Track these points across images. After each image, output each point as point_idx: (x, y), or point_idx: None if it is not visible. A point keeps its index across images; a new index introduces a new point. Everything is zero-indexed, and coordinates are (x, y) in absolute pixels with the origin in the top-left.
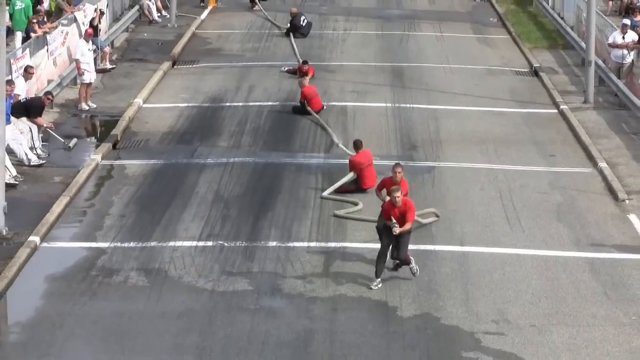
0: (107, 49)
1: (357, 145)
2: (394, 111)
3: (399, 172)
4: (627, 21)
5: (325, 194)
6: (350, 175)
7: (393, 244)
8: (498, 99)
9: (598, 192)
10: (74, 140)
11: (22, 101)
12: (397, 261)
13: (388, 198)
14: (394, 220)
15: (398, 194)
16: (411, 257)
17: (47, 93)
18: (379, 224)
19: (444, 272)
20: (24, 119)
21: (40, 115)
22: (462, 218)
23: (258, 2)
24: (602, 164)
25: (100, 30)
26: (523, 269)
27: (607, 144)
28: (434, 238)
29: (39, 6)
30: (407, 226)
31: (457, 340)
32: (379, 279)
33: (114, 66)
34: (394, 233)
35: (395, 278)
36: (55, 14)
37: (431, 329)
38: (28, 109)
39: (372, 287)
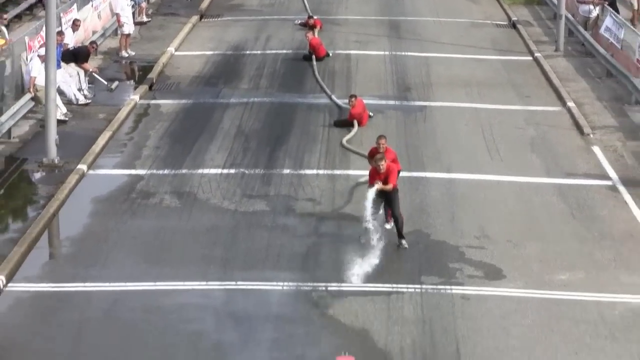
0: (144, 4)
1: (353, 98)
2: (391, 58)
3: (383, 143)
4: None
5: (344, 142)
6: (356, 126)
7: (385, 202)
8: (481, 48)
9: (566, 127)
10: (116, 82)
11: (70, 49)
12: (395, 225)
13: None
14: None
15: (382, 162)
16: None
17: (92, 42)
18: (369, 186)
19: (433, 195)
20: (72, 64)
21: (86, 61)
22: (449, 149)
23: None
24: (570, 104)
25: None
26: (501, 193)
27: (574, 86)
28: (425, 166)
29: None
30: (388, 187)
31: (444, 253)
32: (369, 220)
33: (149, 19)
34: (376, 187)
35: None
36: None
37: (422, 243)
38: (76, 55)
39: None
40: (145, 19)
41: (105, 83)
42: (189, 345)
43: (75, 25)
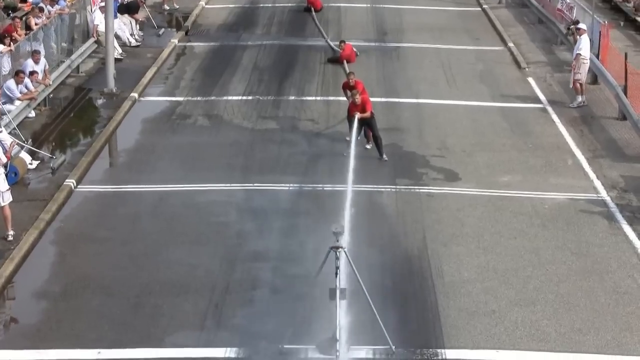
0: None
1: (342, 43)
2: (372, 10)
3: (352, 78)
4: None
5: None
6: (345, 65)
7: (365, 127)
8: (441, 1)
9: (507, 62)
10: (162, 29)
11: (124, 2)
12: (374, 144)
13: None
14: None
15: (357, 96)
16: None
17: None
18: (348, 117)
19: (404, 116)
20: (126, 15)
21: (137, 12)
22: (417, 79)
23: None
24: (510, 44)
25: None
26: (457, 114)
27: (513, 30)
28: (398, 93)
29: None
30: (366, 114)
31: (414, 161)
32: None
33: None
34: (357, 117)
35: None
36: None
37: (397, 154)
38: (129, 7)
39: (347, 138)
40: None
41: (156, 28)
42: (218, 232)
43: None
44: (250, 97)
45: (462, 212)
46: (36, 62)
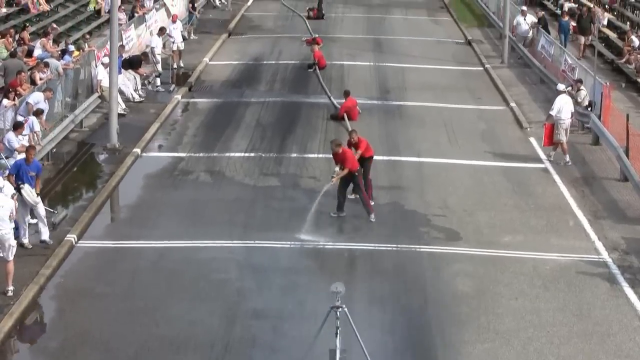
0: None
1: (346, 94)
2: (375, 68)
3: (354, 136)
4: (524, 8)
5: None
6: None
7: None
8: (444, 60)
9: (509, 122)
10: (173, 85)
11: (127, 58)
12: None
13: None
14: (337, 168)
15: (337, 149)
16: (372, 210)
17: (144, 53)
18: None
19: (406, 174)
20: (129, 70)
21: (139, 66)
22: (419, 138)
23: None
24: (512, 104)
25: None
26: (459, 173)
27: (515, 90)
28: (400, 152)
29: None
30: (343, 172)
31: (415, 219)
32: (339, 212)
33: (196, 37)
34: (334, 180)
35: (373, 180)
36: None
37: (398, 212)
38: (131, 63)
39: (332, 215)
40: (193, 36)
41: (159, 85)
42: (218, 289)
43: (161, 32)
44: (252, 154)
45: (463, 272)
46: (47, 99)
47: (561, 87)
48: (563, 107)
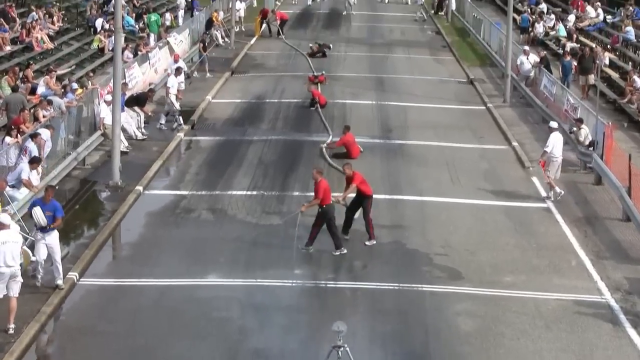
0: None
1: (346, 129)
2: (377, 106)
3: (348, 170)
4: (527, 47)
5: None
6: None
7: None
8: (446, 99)
9: (511, 161)
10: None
11: (133, 95)
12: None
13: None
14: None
15: (316, 176)
16: (342, 247)
17: (150, 90)
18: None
19: (408, 213)
20: (135, 107)
21: (144, 105)
22: (421, 178)
23: (281, 33)
24: (514, 143)
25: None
26: (461, 212)
27: (517, 130)
28: (402, 191)
29: (143, 32)
30: (310, 204)
31: (417, 259)
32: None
33: (212, 75)
34: (300, 210)
35: (375, 218)
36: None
37: (400, 251)
38: (138, 100)
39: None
40: (208, 75)
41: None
42: (219, 328)
43: (177, 72)
44: (254, 192)
45: (465, 311)
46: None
47: (554, 124)
48: (556, 144)
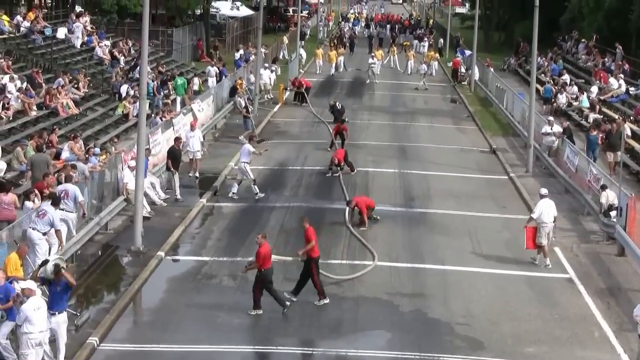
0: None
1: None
2: (400, 175)
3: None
4: (551, 118)
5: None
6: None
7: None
8: (468, 168)
9: None
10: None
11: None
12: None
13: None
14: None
15: (260, 240)
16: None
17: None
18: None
19: (430, 282)
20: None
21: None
22: (443, 246)
23: (307, 100)
24: None
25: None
26: (483, 281)
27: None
28: (424, 259)
29: (168, 99)
30: (252, 267)
31: (438, 328)
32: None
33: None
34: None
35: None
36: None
37: (421, 320)
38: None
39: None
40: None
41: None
42: None
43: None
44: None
45: None
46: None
47: (543, 191)
48: (544, 211)
